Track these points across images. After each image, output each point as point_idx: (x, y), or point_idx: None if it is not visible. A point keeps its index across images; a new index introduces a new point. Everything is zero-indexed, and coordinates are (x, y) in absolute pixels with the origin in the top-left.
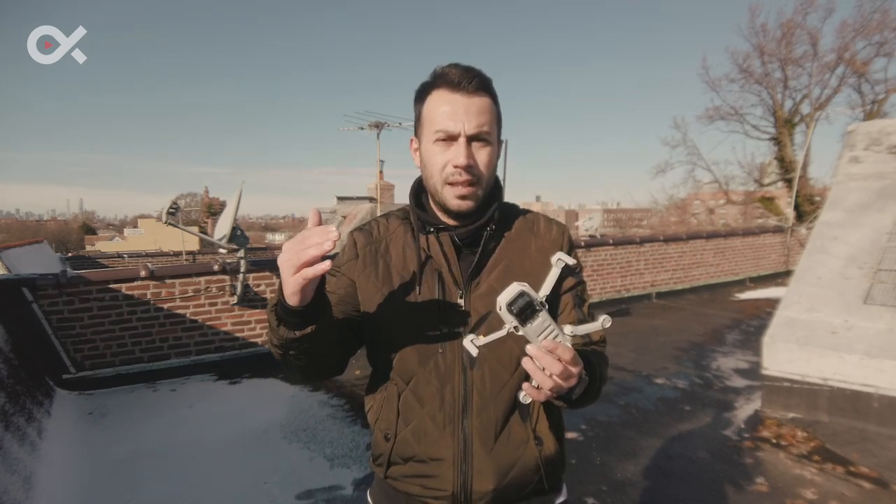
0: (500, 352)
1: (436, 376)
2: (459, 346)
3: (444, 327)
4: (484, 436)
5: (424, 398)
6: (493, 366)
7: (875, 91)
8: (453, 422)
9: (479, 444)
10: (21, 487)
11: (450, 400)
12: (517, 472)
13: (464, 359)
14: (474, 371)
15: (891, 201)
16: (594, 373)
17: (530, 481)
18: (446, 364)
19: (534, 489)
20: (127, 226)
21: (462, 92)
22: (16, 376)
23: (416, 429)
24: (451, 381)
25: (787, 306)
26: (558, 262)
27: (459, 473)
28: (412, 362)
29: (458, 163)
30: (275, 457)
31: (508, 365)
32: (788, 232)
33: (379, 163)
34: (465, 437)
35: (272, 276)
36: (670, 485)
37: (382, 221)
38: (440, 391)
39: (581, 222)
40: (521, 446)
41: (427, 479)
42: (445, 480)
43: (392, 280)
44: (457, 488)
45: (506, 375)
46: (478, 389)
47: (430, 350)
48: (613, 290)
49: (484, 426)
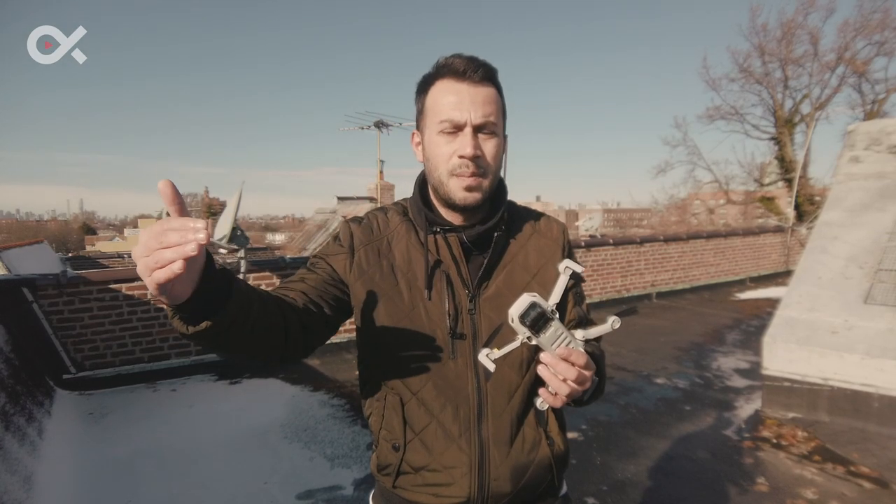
0: (510, 356)
1: (448, 383)
2: (471, 351)
3: (455, 332)
4: (499, 441)
5: (435, 406)
6: (504, 371)
7: (875, 91)
8: (469, 429)
9: (496, 450)
10: (21, 487)
11: (464, 407)
12: (532, 473)
13: (475, 364)
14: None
15: (891, 201)
16: (601, 371)
17: (544, 480)
18: (458, 370)
19: (546, 489)
20: (127, 226)
21: (468, 81)
22: (16, 376)
23: (427, 437)
24: (465, 389)
25: (787, 306)
26: (566, 270)
27: (476, 479)
28: (421, 369)
29: (464, 153)
30: (275, 457)
31: (519, 369)
32: (788, 232)
33: (379, 163)
34: (482, 444)
35: (272, 277)
36: (671, 484)
37: (381, 216)
38: (454, 399)
39: (581, 222)
40: (534, 448)
41: (441, 488)
42: (461, 488)
43: (398, 283)
44: (473, 494)
45: (517, 379)
46: (491, 395)
47: (442, 356)
48: (614, 290)
49: (499, 432)
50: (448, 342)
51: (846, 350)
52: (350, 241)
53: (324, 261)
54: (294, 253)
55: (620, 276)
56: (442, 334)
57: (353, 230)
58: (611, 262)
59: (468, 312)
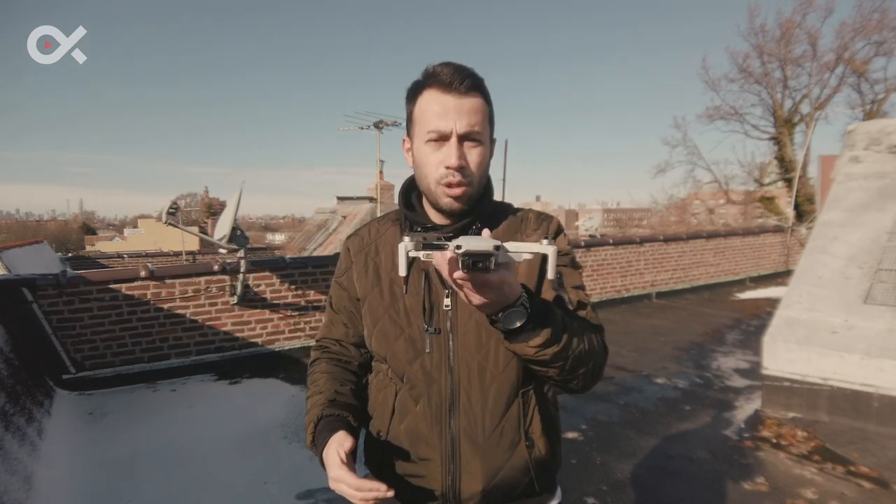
0: (487, 351)
1: (423, 376)
2: (445, 346)
3: (430, 327)
4: (472, 436)
5: (413, 399)
6: (480, 363)
7: (875, 90)
8: (440, 422)
9: (467, 445)
10: (21, 487)
11: (436, 400)
12: (506, 473)
13: (450, 358)
14: (461, 371)
15: (891, 201)
16: (554, 314)
17: (520, 483)
18: (433, 363)
19: (524, 491)
20: (127, 226)
21: (454, 92)
22: (16, 376)
23: (409, 428)
24: (438, 381)
25: (787, 306)
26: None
27: (448, 474)
28: (402, 362)
29: (449, 163)
30: (275, 457)
31: (495, 364)
32: (788, 232)
33: (379, 163)
34: (453, 437)
35: (272, 277)
36: (670, 484)
37: (374, 225)
38: (427, 392)
39: (581, 222)
40: (511, 448)
41: (416, 479)
42: (434, 481)
43: (381, 281)
44: (445, 488)
45: (495, 374)
46: (464, 389)
47: (417, 350)
48: (613, 290)
49: (471, 426)
50: (424, 337)
51: (846, 350)
52: (348, 255)
53: (338, 286)
54: (294, 253)
55: (620, 276)
56: (418, 329)
57: (349, 245)
58: (610, 262)
59: (445, 308)
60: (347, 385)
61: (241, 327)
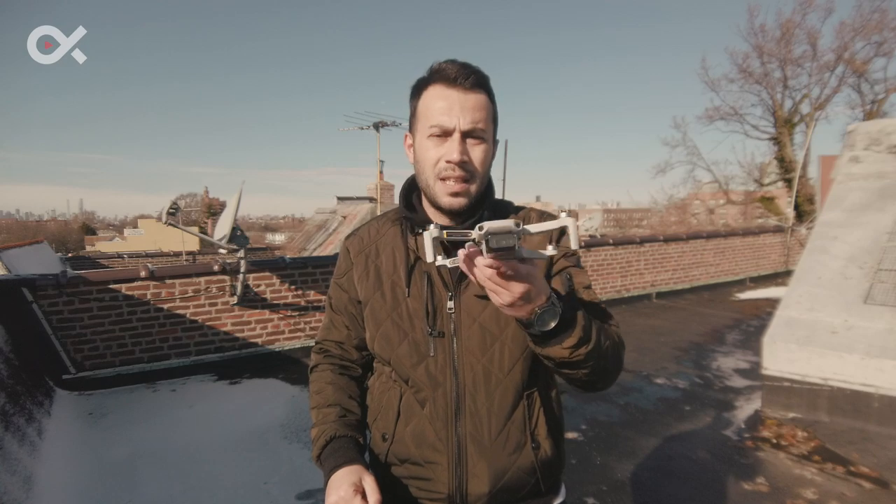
0: (492, 354)
1: (428, 379)
2: (449, 349)
3: (434, 330)
4: (478, 438)
5: (419, 401)
6: (485, 367)
7: (875, 91)
8: (447, 426)
9: (474, 447)
10: (21, 487)
11: (442, 403)
12: (512, 475)
13: (455, 362)
14: (465, 374)
15: (891, 201)
16: (580, 310)
17: (526, 484)
18: (437, 367)
19: (530, 492)
20: (127, 226)
21: (458, 88)
22: (16, 376)
23: (415, 431)
24: (443, 384)
25: (787, 306)
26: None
27: (454, 477)
28: (406, 365)
29: (451, 158)
30: (275, 457)
31: (500, 367)
32: (788, 232)
33: (379, 163)
34: (459, 441)
35: (272, 277)
36: (670, 485)
37: (374, 225)
38: (432, 395)
39: (581, 222)
40: (517, 450)
41: (423, 482)
42: (440, 483)
43: (382, 284)
44: (452, 491)
45: (500, 377)
46: (470, 392)
47: (421, 353)
48: (613, 290)
49: (477, 429)
50: (427, 340)
51: (846, 350)
52: (348, 256)
53: (338, 287)
54: (294, 253)
55: (620, 276)
56: (421, 332)
57: (348, 246)
58: (610, 262)
59: (448, 311)
60: (354, 400)
61: (241, 327)
